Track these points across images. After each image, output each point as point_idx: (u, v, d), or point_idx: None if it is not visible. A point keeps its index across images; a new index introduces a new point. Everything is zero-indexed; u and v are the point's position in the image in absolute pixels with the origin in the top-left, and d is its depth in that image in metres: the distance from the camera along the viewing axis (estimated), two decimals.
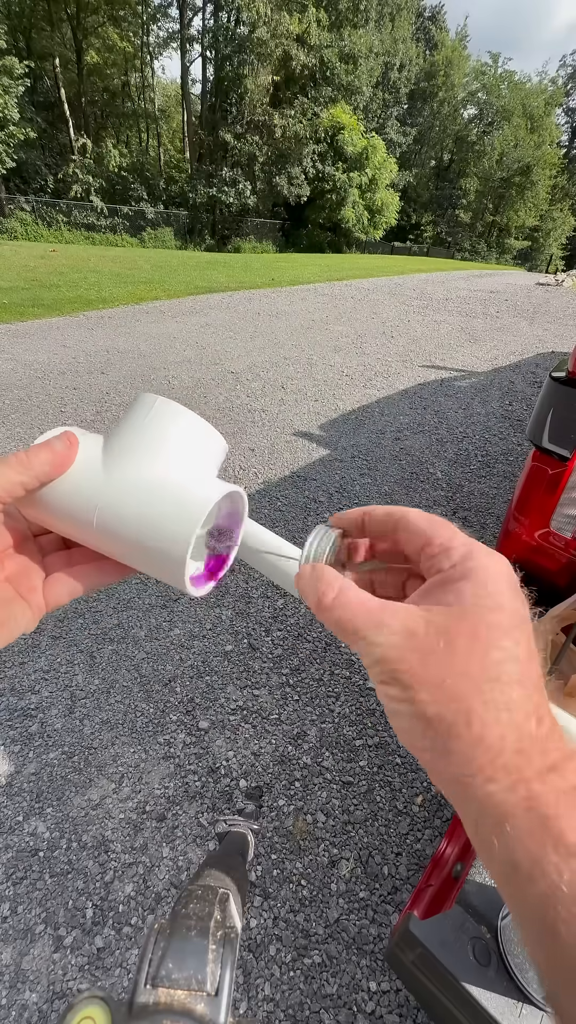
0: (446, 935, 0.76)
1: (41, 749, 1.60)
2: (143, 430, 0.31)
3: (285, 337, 6.68)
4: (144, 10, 26.12)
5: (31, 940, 1.20)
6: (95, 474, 0.30)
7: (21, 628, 0.31)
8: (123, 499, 0.29)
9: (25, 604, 0.31)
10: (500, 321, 8.61)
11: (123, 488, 0.29)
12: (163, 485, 0.29)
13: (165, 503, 0.29)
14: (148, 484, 0.29)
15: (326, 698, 1.83)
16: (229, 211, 26.57)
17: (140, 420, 0.31)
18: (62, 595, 0.33)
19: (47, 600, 0.32)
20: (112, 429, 0.32)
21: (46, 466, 0.29)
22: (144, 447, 0.30)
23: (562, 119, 49.04)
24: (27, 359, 5.20)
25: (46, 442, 0.30)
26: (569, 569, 1.45)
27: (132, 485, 0.29)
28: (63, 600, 0.33)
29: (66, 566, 0.33)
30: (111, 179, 24.32)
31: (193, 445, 0.31)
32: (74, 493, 0.30)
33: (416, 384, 5.18)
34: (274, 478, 3.27)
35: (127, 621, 2.12)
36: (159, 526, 0.28)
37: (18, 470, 0.29)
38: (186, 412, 0.31)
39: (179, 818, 1.44)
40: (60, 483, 0.30)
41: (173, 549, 0.28)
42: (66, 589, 0.33)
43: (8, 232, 19.06)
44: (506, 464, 3.60)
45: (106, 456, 0.31)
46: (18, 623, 0.31)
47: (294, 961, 1.19)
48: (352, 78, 28.16)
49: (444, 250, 41.97)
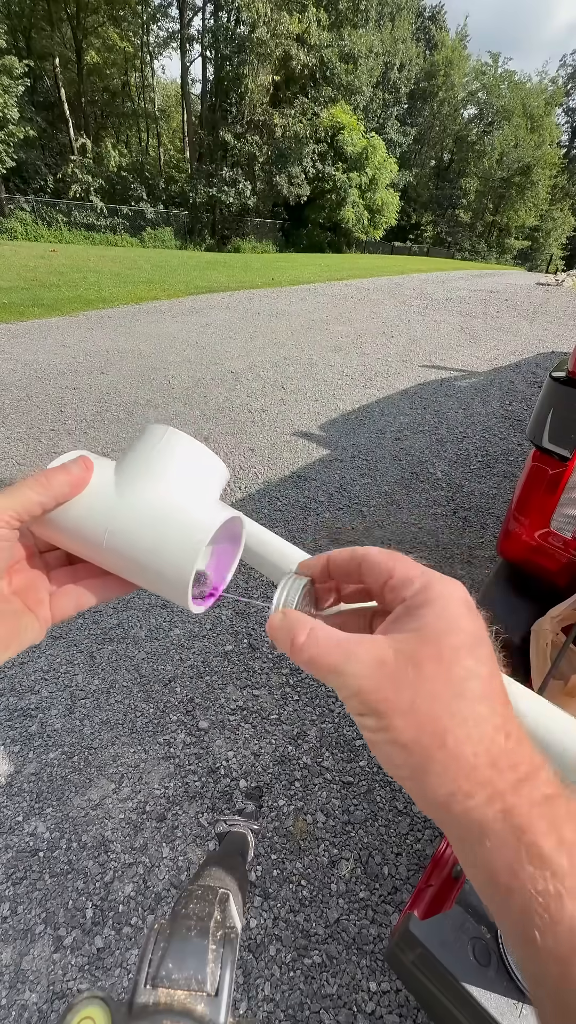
0: (446, 935, 0.76)
1: (41, 749, 1.60)
2: (153, 458, 0.33)
3: (285, 337, 6.68)
4: (144, 10, 26.14)
5: (31, 940, 1.20)
6: (108, 497, 0.32)
7: (29, 640, 0.32)
8: (133, 522, 0.31)
9: (33, 616, 0.33)
10: (500, 321, 8.60)
11: (133, 512, 0.31)
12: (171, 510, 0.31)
13: (172, 527, 0.31)
14: (157, 509, 0.31)
15: (326, 698, 1.83)
16: (229, 211, 26.57)
17: (151, 448, 0.33)
18: (68, 608, 0.34)
19: (54, 613, 0.34)
20: (123, 455, 0.34)
21: (64, 487, 0.31)
22: (153, 474, 0.32)
23: (562, 119, 49.13)
24: (27, 359, 5.20)
25: (64, 465, 0.32)
26: (569, 569, 1.45)
27: (142, 509, 0.31)
28: (69, 612, 0.34)
29: (71, 581, 0.35)
30: (111, 179, 24.33)
31: (198, 473, 0.34)
32: (87, 515, 0.32)
33: (416, 384, 5.18)
34: (274, 478, 3.27)
35: (127, 621, 2.12)
36: (166, 549, 0.31)
37: (38, 491, 0.30)
38: (191, 441, 0.34)
39: (179, 818, 1.44)
40: (74, 504, 0.32)
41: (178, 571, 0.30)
42: (72, 602, 0.34)
43: (8, 232, 19.06)
44: (506, 464, 3.60)
45: (118, 480, 0.33)
46: (27, 635, 0.32)
47: (294, 961, 1.19)
48: (352, 78, 28.18)
49: (444, 250, 41.97)
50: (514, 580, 1.62)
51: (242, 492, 3.10)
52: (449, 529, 2.83)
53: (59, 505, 0.31)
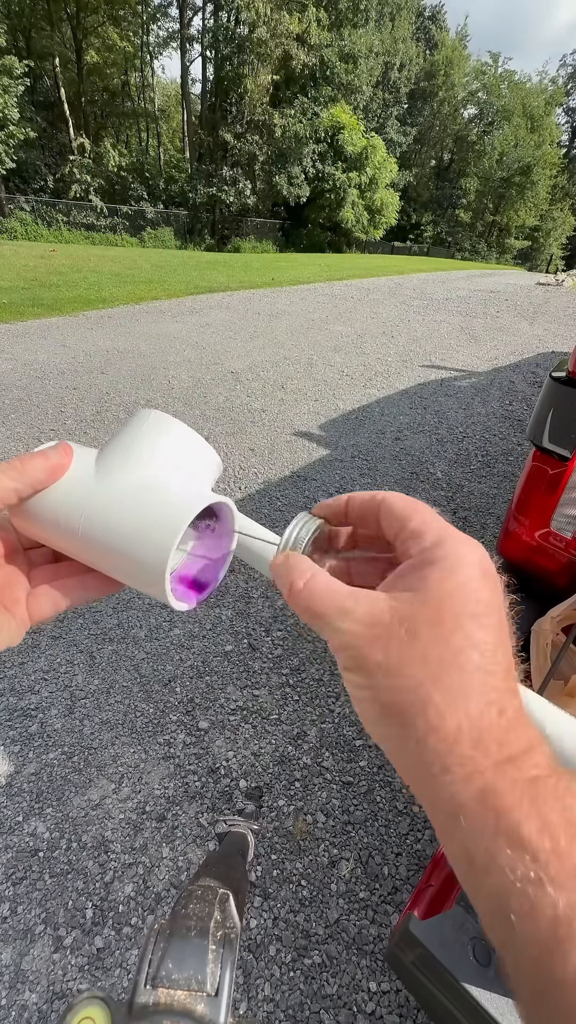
0: (446, 935, 0.76)
1: (41, 749, 1.60)
2: (136, 442, 0.31)
3: (285, 337, 6.68)
4: (144, 10, 26.14)
5: (31, 940, 1.20)
6: (86, 483, 0.30)
7: (5, 641, 0.31)
8: (109, 506, 0.29)
9: (9, 616, 0.31)
10: (500, 321, 8.60)
11: (110, 495, 0.29)
12: (149, 492, 0.29)
13: (150, 509, 0.28)
14: (135, 491, 0.29)
15: (326, 698, 1.83)
16: (229, 211, 26.57)
17: (134, 433, 0.31)
18: (46, 609, 0.32)
19: (31, 613, 0.32)
20: (108, 442, 0.32)
21: (41, 473, 0.29)
22: (136, 458, 0.30)
23: (562, 119, 49.12)
24: (27, 359, 5.20)
25: (41, 451, 0.30)
26: (569, 569, 1.45)
27: (119, 492, 0.29)
28: (47, 614, 0.32)
29: (52, 579, 0.33)
30: (111, 179, 24.33)
31: (186, 458, 0.31)
32: (64, 501, 0.30)
33: (416, 384, 5.18)
34: (274, 478, 3.27)
35: (127, 621, 2.12)
36: (142, 533, 0.28)
37: (12, 476, 0.28)
38: (180, 425, 0.31)
39: (179, 818, 1.44)
40: (51, 491, 0.30)
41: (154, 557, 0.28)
42: (50, 602, 0.32)
43: (8, 232, 19.06)
44: (506, 464, 3.60)
45: (99, 466, 0.31)
46: (1, 635, 0.30)
47: (294, 961, 1.19)
48: (352, 78, 28.17)
49: (444, 250, 41.96)
50: (514, 580, 1.62)
51: (242, 492, 3.10)
52: None
53: (36, 493, 0.30)
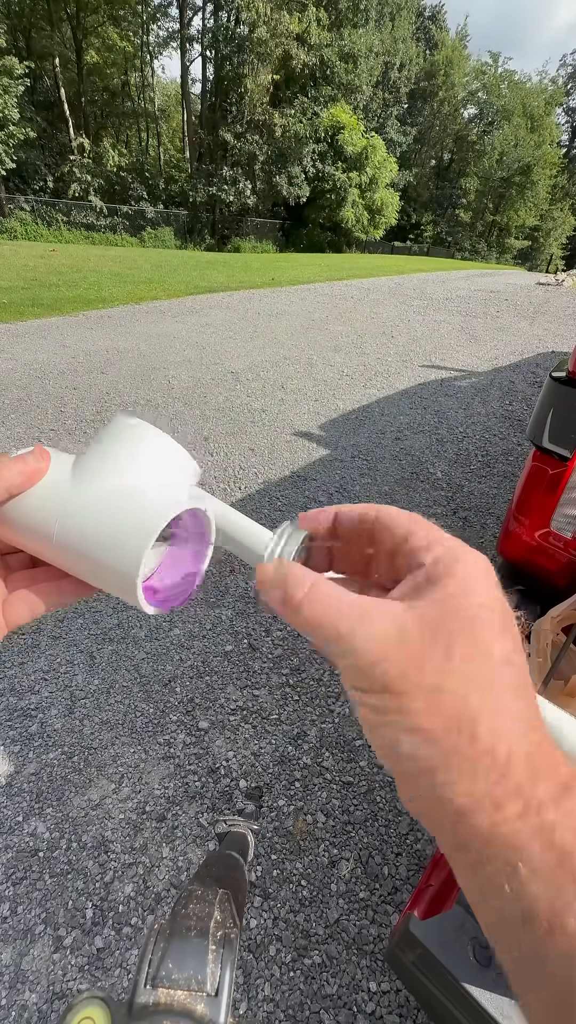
0: (446, 935, 0.76)
1: (41, 749, 1.60)
2: (112, 448, 0.31)
3: (285, 337, 6.67)
4: (144, 10, 26.11)
5: (31, 940, 1.20)
6: (62, 488, 0.30)
7: None
8: (83, 512, 0.29)
9: None
10: (500, 321, 8.60)
11: (85, 501, 0.30)
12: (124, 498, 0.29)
13: (123, 515, 0.29)
14: (109, 497, 0.29)
15: (326, 698, 1.83)
16: (229, 211, 26.56)
17: (111, 439, 0.31)
18: (23, 614, 0.32)
19: (7, 618, 0.32)
20: (86, 448, 0.32)
21: (17, 478, 0.29)
22: (112, 464, 0.31)
23: (562, 119, 49.07)
24: (27, 359, 5.20)
25: (19, 455, 0.30)
26: (569, 569, 1.45)
27: (94, 498, 0.30)
28: (24, 619, 0.32)
29: (30, 584, 0.33)
30: (110, 179, 24.31)
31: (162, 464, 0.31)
32: (39, 507, 0.30)
33: (416, 384, 5.18)
34: (274, 478, 3.27)
35: (127, 621, 2.12)
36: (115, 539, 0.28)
37: None
38: (158, 433, 0.32)
39: (179, 818, 1.44)
40: (27, 496, 0.30)
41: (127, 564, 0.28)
42: (27, 607, 0.32)
43: (8, 232, 19.05)
44: (506, 464, 3.60)
45: (76, 471, 0.31)
46: None
47: (294, 961, 1.19)
48: (352, 77, 28.16)
49: (444, 250, 41.93)
50: (514, 580, 1.62)
51: (242, 492, 3.10)
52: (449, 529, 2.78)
53: (12, 498, 0.30)
